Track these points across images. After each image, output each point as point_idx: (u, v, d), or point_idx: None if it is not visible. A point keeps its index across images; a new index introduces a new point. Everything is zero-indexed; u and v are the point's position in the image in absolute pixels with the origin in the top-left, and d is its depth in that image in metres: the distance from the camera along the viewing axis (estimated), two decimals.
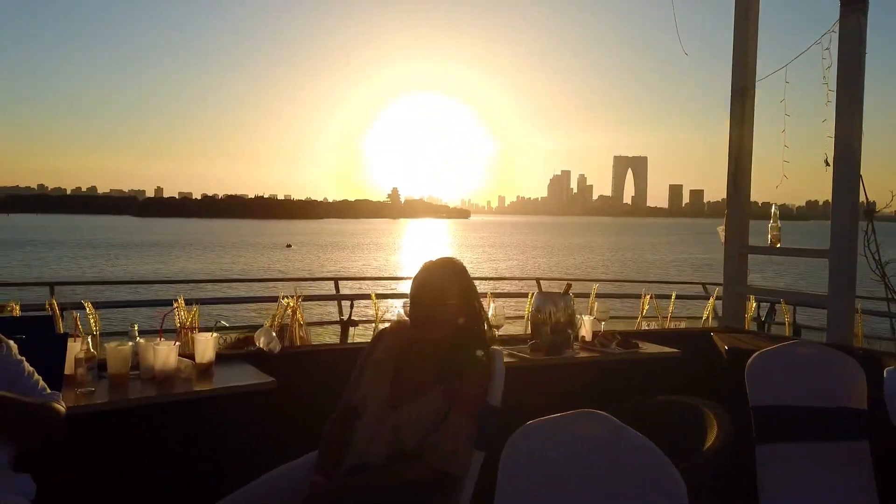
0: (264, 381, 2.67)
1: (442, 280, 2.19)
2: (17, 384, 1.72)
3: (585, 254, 64.35)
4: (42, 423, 1.75)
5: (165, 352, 2.55)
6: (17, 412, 1.68)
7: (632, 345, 3.56)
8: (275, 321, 3.39)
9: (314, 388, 3.05)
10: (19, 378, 1.78)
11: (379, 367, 2.21)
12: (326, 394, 3.09)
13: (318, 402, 3.03)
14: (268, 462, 2.82)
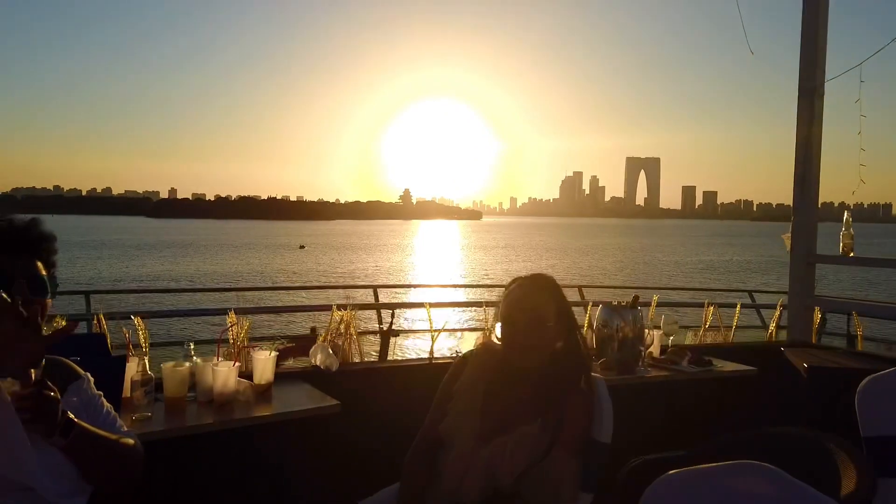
0: (328, 405, 2.48)
1: (537, 299, 1.98)
2: (96, 422, 1.52)
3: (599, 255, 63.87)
4: (124, 465, 1.57)
5: (225, 374, 2.36)
6: (105, 452, 1.50)
7: (705, 362, 3.33)
8: (327, 335, 3.21)
9: (379, 410, 2.86)
10: (99, 415, 1.59)
11: (467, 395, 2.00)
12: (392, 415, 2.90)
13: (384, 425, 2.84)
14: (333, 490, 2.64)
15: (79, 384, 1.59)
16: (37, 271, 1.47)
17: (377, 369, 3.12)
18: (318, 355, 2.89)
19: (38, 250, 1.50)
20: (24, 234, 1.48)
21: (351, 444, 2.72)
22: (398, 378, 3.10)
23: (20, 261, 1.43)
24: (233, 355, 2.71)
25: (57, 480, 1.38)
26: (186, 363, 2.38)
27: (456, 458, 1.91)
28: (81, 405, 1.52)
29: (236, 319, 2.83)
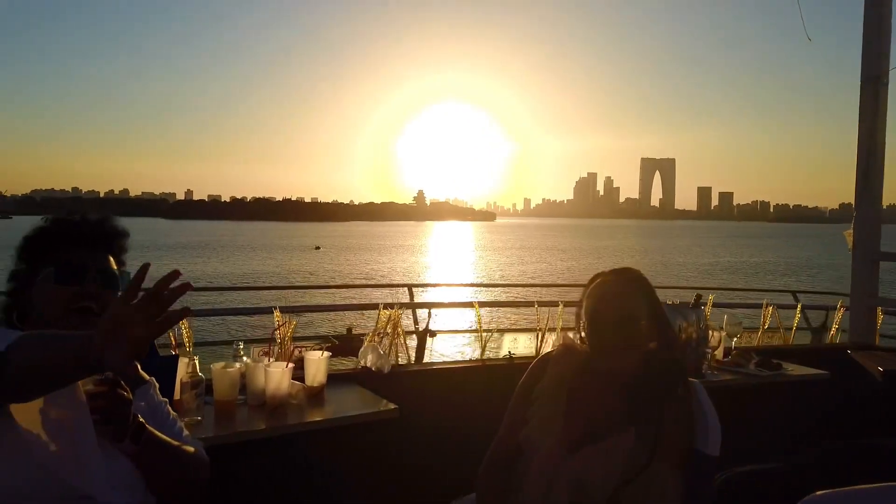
0: (387, 410, 2.32)
1: (626, 294, 1.80)
2: (162, 430, 1.41)
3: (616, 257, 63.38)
4: (191, 476, 1.44)
5: (278, 375, 2.20)
6: (173, 461, 1.38)
7: (774, 365, 3.13)
8: (374, 334, 3.05)
9: (434, 414, 2.70)
10: (165, 423, 1.48)
11: (549, 400, 1.83)
12: (448, 420, 2.74)
13: (440, 430, 2.68)
14: (390, 497, 2.48)
15: (145, 389, 1.49)
16: (109, 265, 1.40)
17: (430, 371, 2.96)
18: (369, 356, 2.74)
19: (111, 245, 1.44)
20: (97, 228, 1.43)
21: (406, 450, 2.56)
22: (452, 380, 2.94)
23: (93, 254, 1.37)
24: (280, 356, 2.55)
25: (121, 490, 1.25)
26: (237, 364, 2.23)
27: (539, 469, 1.74)
28: (148, 411, 1.40)
29: (282, 318, 2.67)
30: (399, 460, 2.55)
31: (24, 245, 1.38)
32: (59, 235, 1.38)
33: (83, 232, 1.39)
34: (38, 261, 1.34)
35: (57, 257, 1.33)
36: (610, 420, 1.75)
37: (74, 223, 1.41)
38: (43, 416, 1.12)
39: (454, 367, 3.03)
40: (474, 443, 2.66)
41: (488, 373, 3.04)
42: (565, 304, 3.51)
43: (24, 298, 1.34)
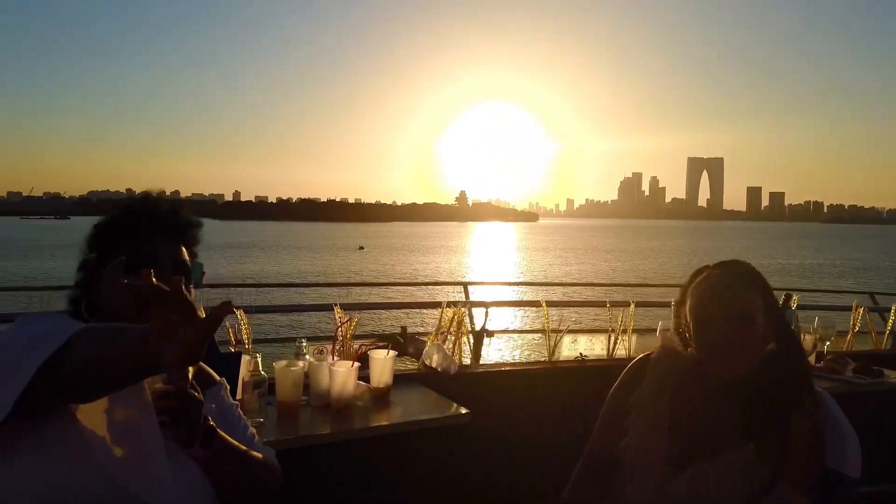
0: (459, 414, 2.15)
1: (738, 289, 1.58)
2: (234, 435, 1.29)
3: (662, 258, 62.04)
4: (263, 486, 1.31)
5: (343, 376, 2.06)
6: (244, 469, 1.26)
7: (875, 372, 2.85)
8: (437, 334, 2.88)
9: (504, 417, 2.53)
10: (236, 427, 1.35)
11: (649, 410, 1.62)
12: (519, 424, 2.57)
13: (510, 434, 2.51)
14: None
15: (215, 390, 1.38)
16: (182, 256, 1.32)
17: (498, 373, 2.78)
18: (434, 356, 2.57)
19: (184, 235, 1.36)
20: (170, 217, 1.34)
21: (476, 457, 2.40)
22: (521, 382, 2.76)
23: (165, 244, 1.30)
24: (342, 355, 2.41)
25: (187, 499, 1.13)
26: (299, 362, 2.09)
27: (641, 487, 1.54)
28: (218, 414, 1.27)
29: (344, 316, 2.53)
30: (468, 467, 2.39)
31: (95, 233, 1.31)
32: (131, 224, 1.30)
33: (155, 221, 1.31)
34: (108, 250, 1.26)
35: (128, 246, 1.25)
36: (722, 433, 1.53)
37: (147, 212, 1.32)
38: (108, 416, 1.02)
39: (522, 368, 2.85)
40: (547, 450, 2.48)
41: (558, 375, 2.85)
42: (637, 305, 3.29)
43: (92, 289, 1.25)
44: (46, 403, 0.97)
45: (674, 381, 1.64)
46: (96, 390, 0.96)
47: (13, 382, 0.92)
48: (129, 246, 1.25)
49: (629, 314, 3.23)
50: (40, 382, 0.92)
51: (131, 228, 1.28)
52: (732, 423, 1.53)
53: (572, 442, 2.61)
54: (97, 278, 1.24)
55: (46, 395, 0.94)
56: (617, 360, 3.00)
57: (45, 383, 0.92)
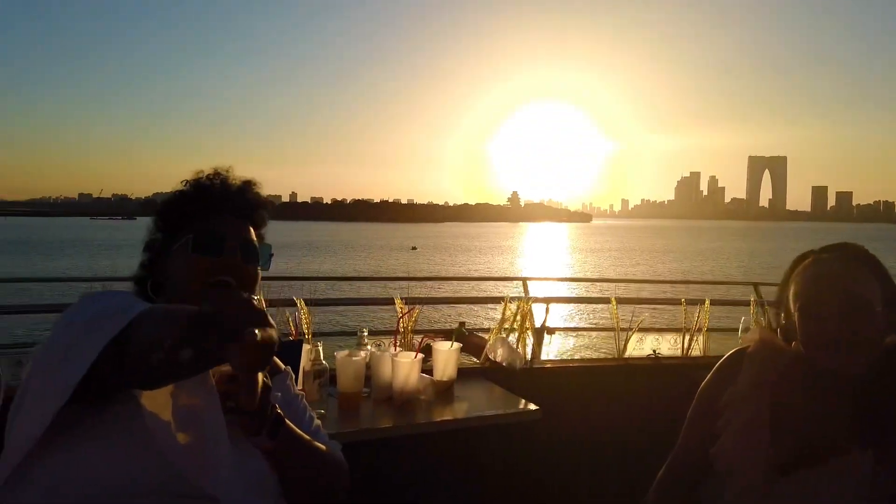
0: (528, 411, 2.02)
1: (853, 275, 1.41)
2: (299, 427, 1.18)
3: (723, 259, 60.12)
4: (330, 481, 1.22)
5: (407, 367, 1.96)
6: (311, 462, 1.17)
7: None
8: (500, 328, 2.76)
9: (573, 414, 2.40)
10: (301, 419, 1.26)
11: (746, 409, 1.46)
12: (589, 421, 2.43)
13: (580, 432, 2.38)
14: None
15: (281, 377, 1.27)
16: (250, 236, 1.23)
17: (567, 369, 2.64)
18: (499, 350, 2.45)
19: (252, 215, 1.27)
20: (239, 196, 1.26)
21: (544, 455, 2.27)
22: (591, 379, 2.61)
23: (233, 223, 1.21)
24: (404, 347, 2.31)
25: (251, 493, 1.04)
26: (361, 353, 2.00)
27: (742, 494, 1.39)
28: (283, 403, 1.17)
29: (406, 309, 2.44)
30: (536, 467, 2.26)
31: (162, 211, 1.23)
32: (199, 202, 1.22)
33: (224, 199, 1.23)
34: (175, 228, 1.19)
35: (195, 225, 1.18)
36: (834, 436, 1.36)
37: (215, 189, 1.24)
38: (172, 401, 0.93)
39: (593, 365, 2.70)
40: (620, 451, 2.32)
41: (631, 373, 2.69)
42: (713, 303, 3.09)
43: (158, 269, 1.19)
44: (109, 388, 0.91)
45: (774, 378, 1.47)
46: (159, 378, 0.88)
47: (73, 366, 0.86)
48: (196, 225, 1.17)
49: (703, 312, 3.04)
50: (103, 366, 0.86)
51: (199, 206, 1.21)
52: (845, 426, 1.36)
53: (647, 443, 2.45)
54: (164, 258, 1.18)
55: (109, 379, 0.88)
56: (692, 359, 2.82)
57: (108, 367, 0.86)
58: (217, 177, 1.26)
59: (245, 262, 1.16)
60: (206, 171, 1.27)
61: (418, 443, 2.03)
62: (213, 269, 1.13)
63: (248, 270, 1.17)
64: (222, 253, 1.14)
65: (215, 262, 1.13)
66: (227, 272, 1.13)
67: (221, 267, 1.13)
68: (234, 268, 1.14)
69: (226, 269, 1.13)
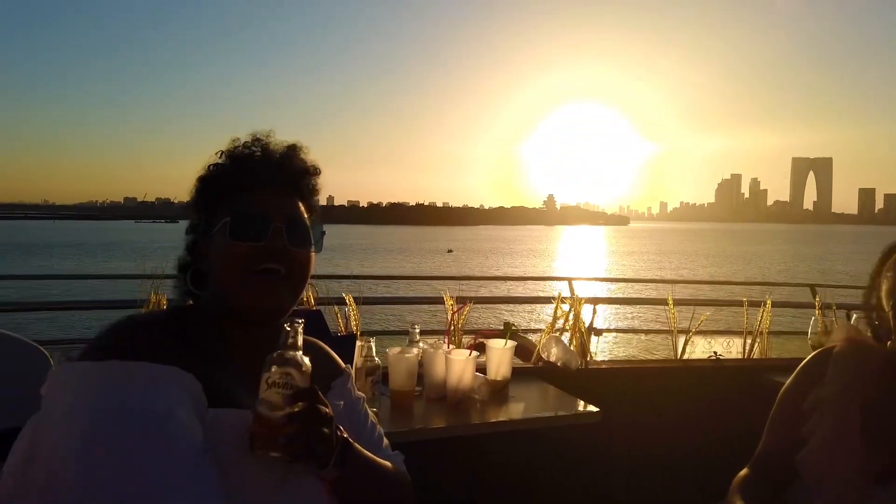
0: (587, 412, 1.93)
1: None
2: (361, 439, 1.06)
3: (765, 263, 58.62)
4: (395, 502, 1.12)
5: (461, 365, 1.89)
6: (377, 486, 1.06)
7: None
8: (551, 328, 2.67)
9: (630, 417, 2.29)
10: (363, 429, 1.14)
11: (835, 413, 1.35)
12: (647, 425, 2.33)
13: (638, 436, 2.28)
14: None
15: (342, 382, 1.14)
16: (297, 214, 1.05)
17: (624, 370, 2.53)
18: (554, 349, 2.36)
19: (299, 185, 1.08)
20: (282, 165, 1.07)
21: (602, 458, 2.18)
22: (648, 382, 2.50)
23: (278, 199, 1.03)
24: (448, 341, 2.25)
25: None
26: (414, 350, 1.94)
27: (829, 499, 1.28)
28: (345, 412, 1.07)
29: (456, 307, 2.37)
30: (594, 470, 2.17)
31: (198, 189, 1.06)
32: (237, 175, 1.04)
33: (266, 170, 1.05)
34: (213, 207, 1.03)
35: (233, 204, 1.01)
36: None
37: (255, 160, 1.06)
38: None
39: (651, 366, 2.59)
40: (682, 456, 2.21)
41: (689, 375, 2.58)
42: (774, 304, 2.94)
43: (198, 255, 1.05)
44: None
45: (864, 380, 1.36)
46: None
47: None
48: (234, 204, 1.01)
49: (766, 313, 2.89)
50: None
51: (237, 181, 1.04)
52: None
53: (710, 447, 2.34)
54: (206, 242, 1.03)
55: None
56: (756, 361, 2.69)
57: None
58: (256, 144, 1.08)
59: (292, 244, 1.00)
60: (244, 138, 1.08)
61: (472, 444, 1.96)
62: (256, 256, 0.97)
63: (297, 256, 1.01)
64: (266, 237, 0.98)
65: (258, 249, 0.97)
66: (273, 259, 0.98)
67: (265, 253, 0.97)
68: (280, 253, 0.98)
69: (271, 255, 0.98)
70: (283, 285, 0.99)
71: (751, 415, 2.45)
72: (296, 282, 1.01)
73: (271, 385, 0.86)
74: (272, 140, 1.09)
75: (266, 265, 0.98)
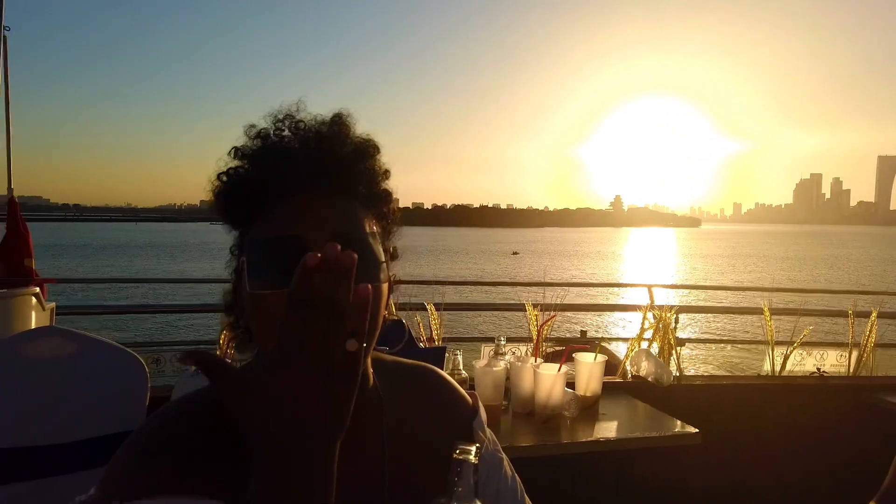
0: (686, 433, 1.81)
1: None
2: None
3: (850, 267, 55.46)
4: None
5: (551, 381, 1.81)
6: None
7: None
8: (638, 339, 2.55)
9: (728, 439, 2.16)
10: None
11: None
12: (750, 447, 2.19)
13: (737, 460, 2.14)
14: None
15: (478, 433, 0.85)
16: (353, 226, 0.70)
17: (722, 386, 2.38)
18: (644, 363, 2.25)
19: (351, 181, 0.73)
20: (318, 152, 0.71)
21: (696, 480, 2.05)
22: (746, 400, 2.35)
23: (315, 209, 0.69)
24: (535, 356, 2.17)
25: None
26: (501, 363, 1.87)
27: None
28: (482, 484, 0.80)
29: (542, 317, 2.29)
30: (690, 494, 2.04)
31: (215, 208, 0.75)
32: (254, 184, 0.72)
33: (291, 168, 0.70)
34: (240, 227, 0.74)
35: (255, 229, 0.70)
36: None
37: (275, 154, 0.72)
38: None
39: (749, 382, 2.43)
40: (781, 479, 2.07)
41: (790, 393, 2.40)
42: (881, 315, 2.72)
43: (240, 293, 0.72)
44: None
45: None
46: None
47: None
48: (256, 230, 0.70)
49: (872, 325, 2.68)
50: None
51: (260, 190, 0.71)
52: None
53: (815, 478, 2.17)
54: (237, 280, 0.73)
55: None
56: (865, 380, 2.49)
57: None
58: (278, 130, 0.74)
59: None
60: (262, 123, 0.75)
61: (560, 463, 1.88)
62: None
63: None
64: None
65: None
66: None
67: None
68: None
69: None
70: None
71: (860, 440, 2.27)
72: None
73: None
74: (302, 118, 0.75)
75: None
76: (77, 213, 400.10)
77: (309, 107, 0.77)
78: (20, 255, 3.11)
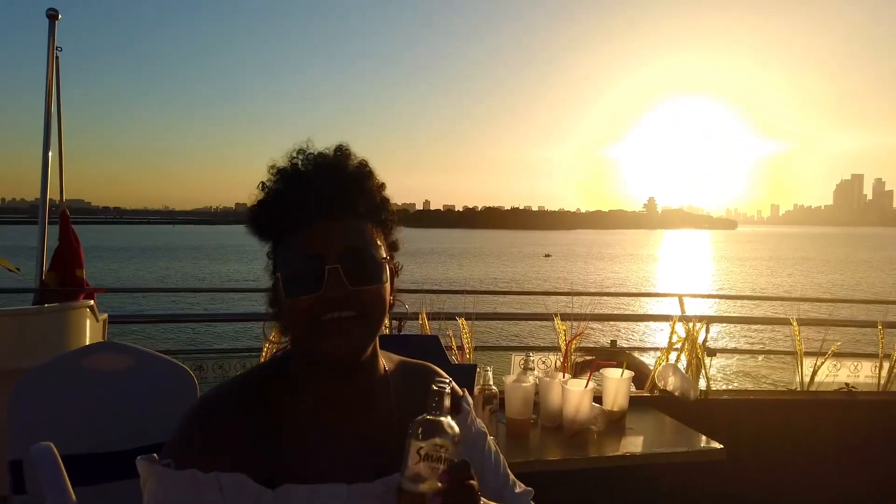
0: (710, 449, 1.86)
1: None
2: (483, 480, 0.97)
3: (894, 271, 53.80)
4: None
5: (578, 396, 1.88)
6: None
7: None
8: (667, 352, 2.58)
9: (756, 455, 2.18)
10: (486, 470, 1.03)
11: None
12: (778, 464, 2.22)
13: (764, 477, 2.17)
14: None
15: (462, 419, 1.01)
16: (359, 241, 0.90)
17: (749, 401, 2.42)
18: (671, 378, 2.30)
19: (354, 202, 0.91)
20: (327, 182, 0.90)
21: (721, 498, 2.08)
22: (773, 415, 2.38)
23: (328, 233, 0.88)
24: (564, 369, 2.23)
25: None
26: (530, 378, 1.95)
27: None
28: (465, 452, 0.96)
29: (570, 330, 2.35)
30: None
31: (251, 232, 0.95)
32: (278, 215, 0.91)
33: (303, 198, 0.89)
34: (272, 252, 0.94)
35: (284, 250, 0.91)
36: None
37: (291, 187, 0.91)
38: None
39: (776, 398, 2.45)
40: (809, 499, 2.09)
41: (817, 409, 2.42)
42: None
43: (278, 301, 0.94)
44: None
45: None
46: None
47: None
48: (285, 248, 0.91)
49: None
50: None
51: (281, 220, 0.91)
52: None
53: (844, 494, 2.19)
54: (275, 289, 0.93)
55: None
56: (893, 395, 2.48)
57: None
58: (293, 167, 0.92)
59: (355, 283, 0.86)
60: (279, 162, 0.93)
61: (587, 477, 1.94)
62: (318, 307, 0.86)
63: (364, 295, 0.87)
64: (322, 284, 0.85)
65: (319, 299, 0.86)
66: (335, 307, 0.86)
67: (327, 303, 0.86)
68: (342, 300, 0.86)
69: (332, 304, 0.86)
70: (353, 328, 0.87)
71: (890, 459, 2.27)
72: (370, 320, 0.89)
73: (423, 458, 0.79)
74: (311, 155, 0.93)
75: (330, 315, 0.86)
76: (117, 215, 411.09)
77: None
78: (72, 266, 3.31)
